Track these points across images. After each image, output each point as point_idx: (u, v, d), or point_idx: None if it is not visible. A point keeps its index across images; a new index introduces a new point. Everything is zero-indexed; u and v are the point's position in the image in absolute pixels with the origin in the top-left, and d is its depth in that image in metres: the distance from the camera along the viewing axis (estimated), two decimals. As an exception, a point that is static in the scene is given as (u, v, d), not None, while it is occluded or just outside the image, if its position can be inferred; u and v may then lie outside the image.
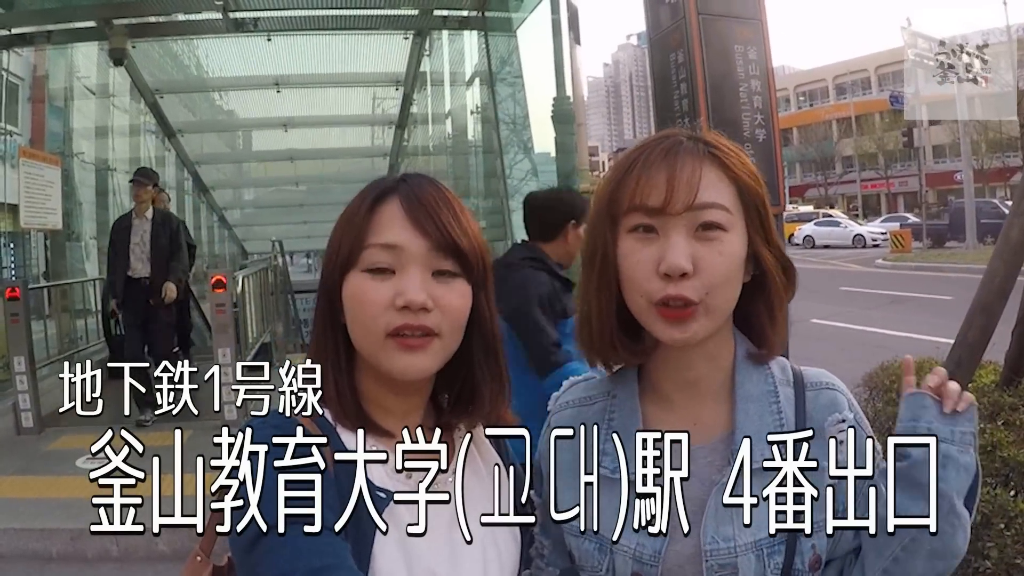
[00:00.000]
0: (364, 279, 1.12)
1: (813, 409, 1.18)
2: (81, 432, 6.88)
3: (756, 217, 1.16)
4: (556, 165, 7.99)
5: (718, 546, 1.11)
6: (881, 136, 55.22)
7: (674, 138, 1.17)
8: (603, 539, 1.18)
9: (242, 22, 8.52)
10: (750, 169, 1.18)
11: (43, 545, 4.66)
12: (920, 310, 14.62)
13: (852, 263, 27.90)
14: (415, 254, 1.11)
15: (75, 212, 10.76)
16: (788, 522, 1.09)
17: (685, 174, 1.11)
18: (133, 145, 13.45)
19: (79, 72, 11.30)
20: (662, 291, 1.10)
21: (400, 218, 1.12)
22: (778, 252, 1.19)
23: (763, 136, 4.01)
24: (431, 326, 1.10)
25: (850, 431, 1.14)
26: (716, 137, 1.19)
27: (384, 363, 1.12)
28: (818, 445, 1.12)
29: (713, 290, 1.10)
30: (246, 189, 20.12)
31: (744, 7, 4.01)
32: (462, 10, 8.43)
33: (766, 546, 1.11)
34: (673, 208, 1.10)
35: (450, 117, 11.89)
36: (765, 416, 1.17)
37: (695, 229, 1.11)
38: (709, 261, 1.10)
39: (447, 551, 1.13)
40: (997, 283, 3.44)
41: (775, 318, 1.20)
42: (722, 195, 1.13)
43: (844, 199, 64.85)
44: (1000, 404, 3.97)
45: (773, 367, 1.22)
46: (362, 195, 1.17)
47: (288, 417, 1.13)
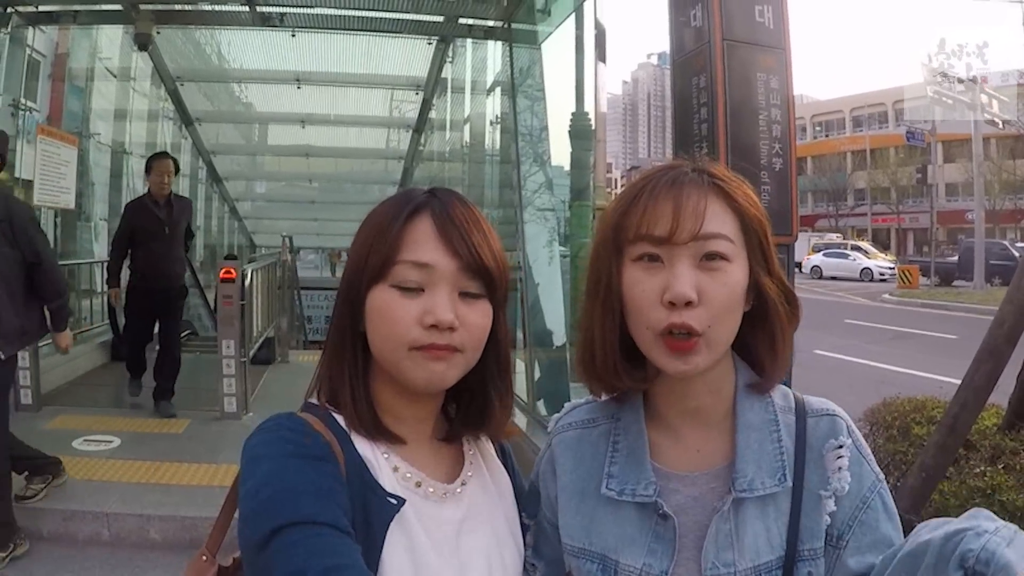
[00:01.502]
0: (393, 294, 1.13)
1: (813, 436, 1.19)
2: (79, 412, 6.92)
3: (758, 247, 1.18)
4: (570, 180, 8.01)
5: (719, 571, 1.13)
6: (895, 171, 55.27)
7: (679, 169, 1.19)
8: (607, 560, 1.19)
9: (268, 16, 8.54)
10: (753, 200, 1.20)
11: (34, 524, 4.66)
12: (924, 347, 14.61)
13: (858, 296, 27.87)
14: (445, 274, 1.13)
15: (87, 193, 10.78)
16: (783, 548, 1.12)
17: (690, 205, 1.13)
18: (150, 130, 13.49)
19: (101, 53, 11.33)
20: (666, 320, 1.11)
21: (432, 237, 1.14)
22: (780, 282, 1.21)
23: (780, 165, 4.01)
24: (456, 344, 1.12)
25: (847, 455, 1.16)
26: (720, 169, 1.21)
27: (407, 373, 1.14)
28: (816, 471, 1.15)
29: (716, 321, 1.12)
30: (259, 182, 20.19)
31: (769, 36, 4.01)
32: (488, 20, 8.44)
33: (765, 571, 1.13)
34: (679, 238, 1.12)
35: (468, 124, 11.90)
36: (765, 444, 1.18)
37: (699, 259, 1.13)
38: (713, 291, 1.11)
39: (455, 561, 1.14)
40: (1007, 328, 3.43)
41: (775, 348, 1.21)
42: (726, 225, 1.15)
43: (854, 231, 64.85)
44: (1001, 448, 3.97)
45: (775, 395, 1.23)
46: (395, 207, 1.18)
47: (303, 419, 1.14)
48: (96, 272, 10.29)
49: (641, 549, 1.17)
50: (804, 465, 1.17)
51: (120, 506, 4.82)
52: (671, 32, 4.33)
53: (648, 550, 1.17)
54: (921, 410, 4.66)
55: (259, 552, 0.98)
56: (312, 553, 0.96)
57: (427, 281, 1.13)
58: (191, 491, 5.01)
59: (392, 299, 1.12)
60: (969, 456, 3.98)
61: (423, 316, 1.11)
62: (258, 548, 0.98)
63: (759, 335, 1.21)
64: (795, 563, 1.13)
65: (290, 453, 1.06)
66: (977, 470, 3.84)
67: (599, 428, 1.30)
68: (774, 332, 1.20)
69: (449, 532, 1.16)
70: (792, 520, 1.14)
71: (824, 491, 1.15)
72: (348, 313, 1.18)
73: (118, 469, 5.45)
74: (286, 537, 0.97)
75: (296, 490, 1.01)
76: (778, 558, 1.13)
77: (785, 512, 1.15)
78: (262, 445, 1.09)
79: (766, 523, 1.14)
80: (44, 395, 7.04)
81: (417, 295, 1.12)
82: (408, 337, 1.11)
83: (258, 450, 1.08)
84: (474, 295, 1.15)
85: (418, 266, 1.12)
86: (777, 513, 1.15)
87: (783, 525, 1.14)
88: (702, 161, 1.22)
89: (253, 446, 1.10)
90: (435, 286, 1.12)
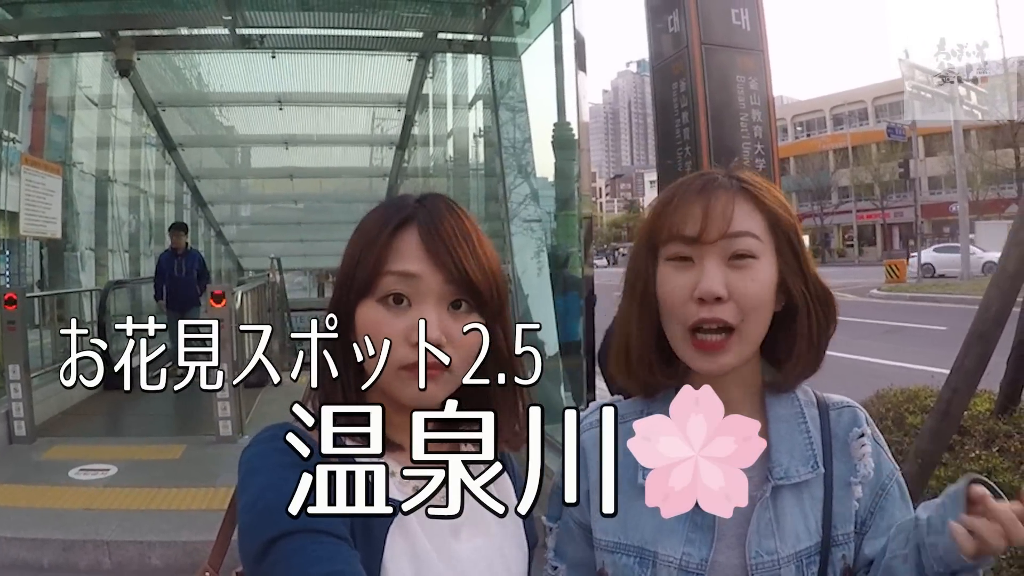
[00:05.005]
0: (379, 310, 1.13)
1: (836, 427, 1.25)
2: (74, 442, 6.89)
3: (787, 247, 1.23)
4: (555, 190, 8.03)
5: (763, 559, 1.17)
6: (877, 167, 55.46)
7: (710, 175, 1.25)
8: (644, 552, 1.22)
9: (248, 38, 8.56)
10: (781, 201, 1.25)
11: (35, 555, 4.64)
12: (914, 340, 14.66)
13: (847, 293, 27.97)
14: (431, 286, 1.12)
15: (72, 222, 10.77)
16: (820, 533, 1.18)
17: (719, 206, 1.19)
18: (133, 157, 13.50)
19: (81, 82, 11.34)
20: (696, 315, 1.17)
21: (417, 248, 1.13)
22: (815, 282, 1.25)
23: (762, 165, 4.05)
24: (443, 361, 1.11)
25: (869, 444, 1.23)
26: (750, 174, 1.26)
27: (394, 391, 1.14)
28: (843, 459, 1.22)
29: (747, 315, 1.17)
30: (244, 205, 20.12)
31: (746, 38, 4.06)
32: (467, 34, 8.48)
33: (804, 556, 1.17)
34: (708, 237, 1.17)
35: (451, 139, 11.93)
36: (795, 435, 1.24)
37: (728, 257, 1.18)
38: (742, 287, 1.17)
39: (456, 564, 1.14)
40: (993, 311, 3.46)
41: (804, 349, 1.25)
42: (753, 224, 1.20)
43: (840, 229, 65.11)
44: (995, 431, 4.02)
45: (796, 391, 1.29)
46: (383, 218, 1.17)
47: (299, 429, 1.14)
48: (85, 302, 10.25)
49: (679, 539, 1.20)
50: (831, 454, 1.22)
51: (120, 534, 4.80)
52: (650, 39, 4.37)
53: (686, 539, 1.19)
54: (914, 400, 4.69)
55: (259, 562, 0.99)
56: (311, 561, 0.96)
57: (413, 293, 1.12)
58: (190, 515, 4.99)
59: (379, 315, 1.12)
60: (964, 441, 4.02)
61: (409, 333, 1.10)
62: (257, 559, 0.99)
63: (784, 335, 1.25)
64: (830, 548, 1.18)
65: (286, 463, 1.05)
66: (972, 454, 3.87)
67: (628, 424, 1.32)
68: (802, 333, 1.24)
69: (450, 535, 1.16)
70: (825, 506, 1.19)
71: (853, 478, 1.21)
72: (339, 324, 1.17)
73: (116, 497, 5.43)
74: (284, 546, 0.97)
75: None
76: (815, 544, 1.18)
77: (819, 499, 1.20)
78: (258, 457, 1.09)
79: (803, 510, 1.19)
80: (38, 426, 7.01)
81: (404, 310, 1.12)
82: (395, 354, 1.11)
83: (254, 462, 1.09)
84: (466, 306, 1.14)
85: (403, 277, 1.12)
86: (812, 500, 1.20)
87: (818, 512, 1.19)
88: (733, 168, 1.28)
89: (249, 458, 1.10)
90: (422, 299, 1.12)
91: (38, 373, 7.82)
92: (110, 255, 12.58)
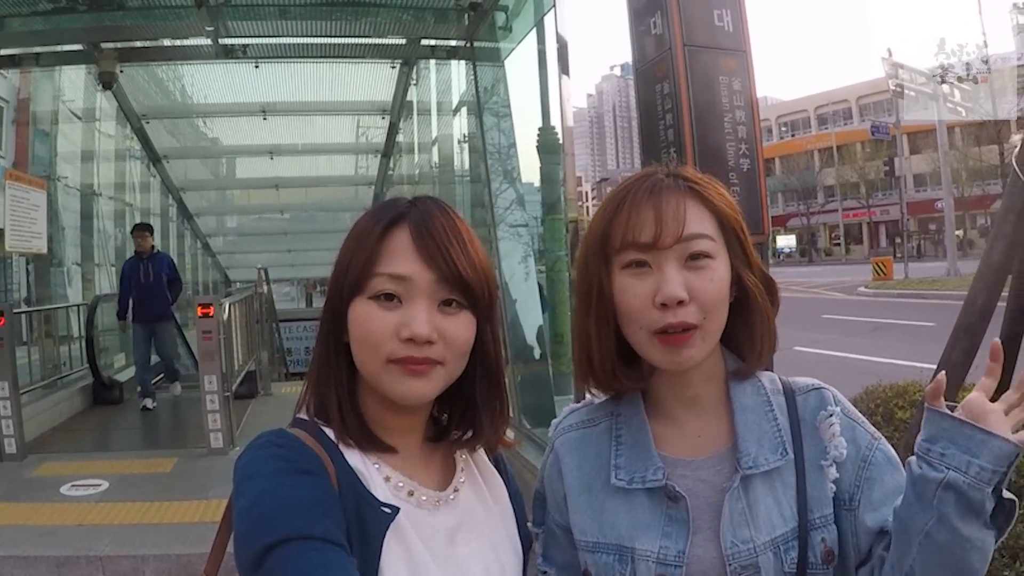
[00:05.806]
0: (371, 307, 1.13)
1: (804, 411, 1.26)
2: (64, 459, 6.85)
3: (736, 242, 1.25)
4: (541, 195, 8.04)
5: (739, 548, 1.17)
6: (862, 165, 55.77)
7: (655, 177, 1.26)
8: (623, 548, 1.23)
9: (231, 49, 8.55)
10: (726, 199, 1.27)
11: (28, 573, 4.60)
12: (902, 336, 14.73)
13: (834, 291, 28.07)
14: (422, 285, 1.13)
15: (58, 237, 10.71)
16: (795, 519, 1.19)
17: (671, 210, 1.20)
18: (118, 170, 13.43)
19: (64, 96, 11.29)
20: (661, 321, 1.17)
21: (409, 248, 1.14)
22: (759, 271, 1.27)
23: (747, 166, 4.06)
24: (435, 357, 1.13)
25: (837, 422, 1.23)
26: (692, 172, 1.27)
27: (386, 387, 1.14)
28: (813, 442, 1.22)
29: (709, 313, 1.18)
30: (230, 216, 20.08)
31: (729, 39, 4.07)
32: (450, 40, 8.49)
33: (782, 543, 1.18)
34: (663, 242, 1.18)
35: (436, 146, 11.92)
36: (763, 423, 1.25)
37: (685, 260, 1.19)
38: (702, 287, 1.18)
39: (452, 568, 1.15)
40: (979, 305, 3.49)
41: (757, 334, 1.28)
42: (705, 225, 1.22)
43: (826, 228, 65.38)
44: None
45: (763, 379, 1.30)
46: (374, 218, 1.18)
47: (292, 435, 1.14)
48: (72, 317, 10.20)
49: (656, 533, 1.21)
50: (801, 439, 1.23)
51: (114, 548, 4.77)
52: (632, 41, 4.38)
53: (663, 533, 1.21)
54: (903, 395, 4.72)
55: (255, 570, 0.98)
56: (307, 567, 0.96)
57: (405, 292, 1.13)
58: (184, 528, 4.97)
59: (370, 312, 1.13)
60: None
61: (400, 329, 1.11)
62: (253, 566, 0.98)
63: (739, 324, 1.28)
64: (808, 532, 1.18)
65: (281, 469, 1.06)
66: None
67: (599, 426, 1.35)
68: (756, 319, 1.27)
69: (445, 539, 1.16)
70: (799, 491, 1.20)
71: (824, 460, 1.21)
72: (332, 325, 1.18)
73: (108, 512, 5.40)
74: (281, 553, 0.97)
75: (288, 505, 1.01)
76: (792, 529, 1.18)
77: (791, 485, 1.21)
78: (253, 463, 1.09)
79: (776, 497, 1.20)
80: (28, 443, 6.97)
81: (395, 307, 1.13)
82: (385, 350, 1.11)
83: (249, 468, 1.08)
84: (456, 304, 1.15)
85: (395, 278, 1.13)
86: (784, 487, 1.21)
87: (791, 498, 1.20)
88: (674, 166, 1.28)
89: (244, 464, 1.09)
90: (413, 298, 1.12)
91: (27, 390, 7.78)
92: (96, 269, 12.50)
